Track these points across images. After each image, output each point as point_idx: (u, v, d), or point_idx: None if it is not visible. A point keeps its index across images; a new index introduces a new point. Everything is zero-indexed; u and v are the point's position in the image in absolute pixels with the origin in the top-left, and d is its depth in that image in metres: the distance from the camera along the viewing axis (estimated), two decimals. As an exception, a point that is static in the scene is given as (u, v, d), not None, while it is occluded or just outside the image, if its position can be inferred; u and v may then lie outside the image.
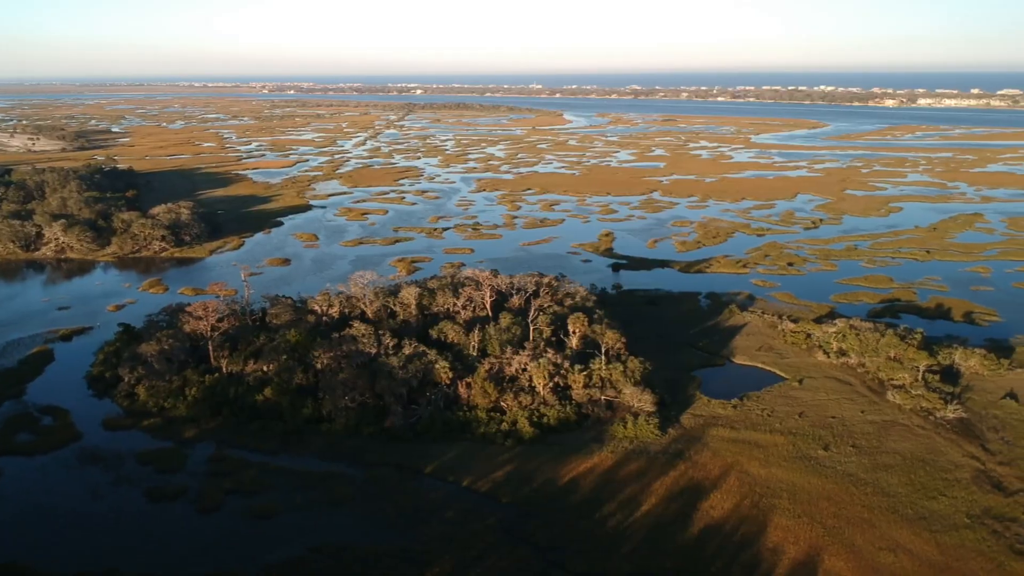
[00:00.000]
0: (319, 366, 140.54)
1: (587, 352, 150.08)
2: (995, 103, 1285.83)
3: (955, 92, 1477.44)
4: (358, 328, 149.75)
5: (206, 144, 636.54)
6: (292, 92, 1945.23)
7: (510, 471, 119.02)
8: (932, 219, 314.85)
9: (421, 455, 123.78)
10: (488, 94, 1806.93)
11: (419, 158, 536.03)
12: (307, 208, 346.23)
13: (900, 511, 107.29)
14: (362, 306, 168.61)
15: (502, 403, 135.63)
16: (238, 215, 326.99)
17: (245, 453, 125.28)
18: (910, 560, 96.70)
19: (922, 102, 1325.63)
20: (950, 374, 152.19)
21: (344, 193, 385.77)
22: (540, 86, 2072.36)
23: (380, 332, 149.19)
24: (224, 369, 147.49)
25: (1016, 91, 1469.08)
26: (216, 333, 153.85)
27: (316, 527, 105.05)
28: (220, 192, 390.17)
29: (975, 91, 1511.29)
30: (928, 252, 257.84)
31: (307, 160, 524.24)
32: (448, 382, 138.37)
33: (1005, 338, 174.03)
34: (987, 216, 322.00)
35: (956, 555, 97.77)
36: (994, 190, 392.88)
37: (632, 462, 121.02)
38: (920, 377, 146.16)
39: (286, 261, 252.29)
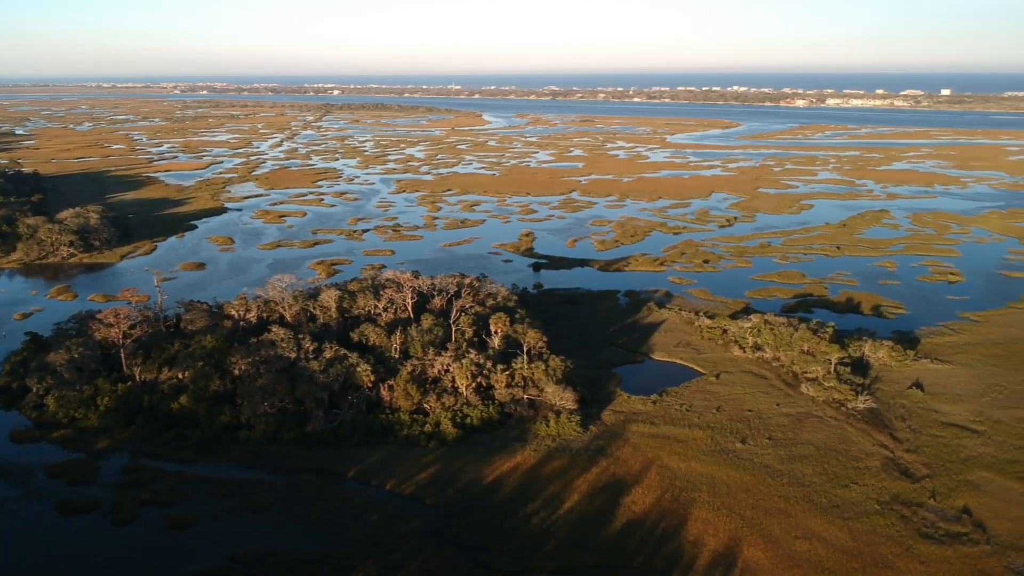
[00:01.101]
0: (237, 372, 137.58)
1: (509, 352, 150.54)
2: (899, 103, 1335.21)
3: (862, 93, 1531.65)
4: (277, 332, 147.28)
5: (115, 146, 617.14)
6: (205, 92, 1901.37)
7: (434, 472, 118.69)
8: (841, 216, 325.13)
9: (343, 460, 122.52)
10: (407, 95, 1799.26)
11: (337, 159, 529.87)
12: (222, 211, 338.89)
13: (814, 500, 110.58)
14: (281, 310, 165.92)
15: (425, 405, 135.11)
16: (150, 219, 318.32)
17: (161, 463, 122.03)
18: (824, 547, 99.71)
19: (831, 102, 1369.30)
20: (860, 366, 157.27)
21: (261, 195, 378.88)
22: (459, 87, 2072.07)
23: (300, 336, 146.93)
24: (137, 377, 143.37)
25: (918, 92, 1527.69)
26: (128, 340, 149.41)
27: (236, 536, 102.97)
28: (131, 195, 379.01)
29: (880, 92, 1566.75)
30: (838, 248, 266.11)
31: (221, 162, 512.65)
32: (370, 385, 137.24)
33: (911, 330, 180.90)
34: (893, 212, 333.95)
35: (867, 540, 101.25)
36: (899, 187, 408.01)
37: (555, 460, 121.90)
38: (832, 369, 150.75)
39: (201, 265, 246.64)
